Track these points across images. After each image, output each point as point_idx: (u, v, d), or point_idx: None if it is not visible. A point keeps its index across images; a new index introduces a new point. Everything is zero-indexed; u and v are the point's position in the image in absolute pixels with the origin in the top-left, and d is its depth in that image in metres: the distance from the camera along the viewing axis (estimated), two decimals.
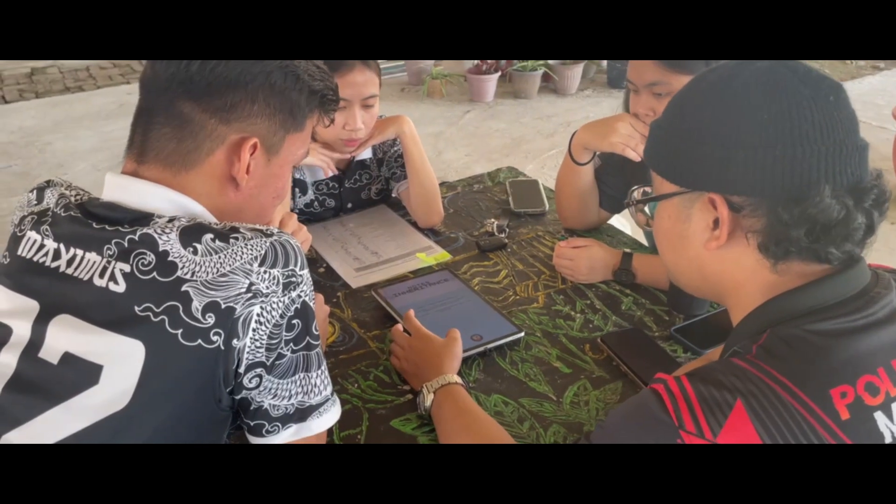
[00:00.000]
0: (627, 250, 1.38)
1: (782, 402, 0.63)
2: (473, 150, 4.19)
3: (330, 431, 1.01)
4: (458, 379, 1.06)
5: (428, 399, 1.03)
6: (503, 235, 1.56)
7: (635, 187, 0.88)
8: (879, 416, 0.64)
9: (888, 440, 0.64)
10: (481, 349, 1.18)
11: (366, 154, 1.66)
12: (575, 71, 5.02)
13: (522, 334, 1.22)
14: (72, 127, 4.56)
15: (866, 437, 0.63)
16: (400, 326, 1.19)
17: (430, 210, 1.61)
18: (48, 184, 0.85)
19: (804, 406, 0.63)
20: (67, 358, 0.72)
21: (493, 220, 1.63)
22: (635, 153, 1.32)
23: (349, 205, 1.69)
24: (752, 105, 0.69)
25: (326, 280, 1.43)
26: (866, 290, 0.70)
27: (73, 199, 0.81)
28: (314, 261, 1.49)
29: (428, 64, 5.10)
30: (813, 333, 0.67)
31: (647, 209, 0.84)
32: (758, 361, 0.66)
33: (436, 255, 1.51)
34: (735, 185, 0.70)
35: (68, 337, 0.73)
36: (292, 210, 1.61)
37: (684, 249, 0.78)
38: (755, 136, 0.68)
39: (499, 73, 4.90)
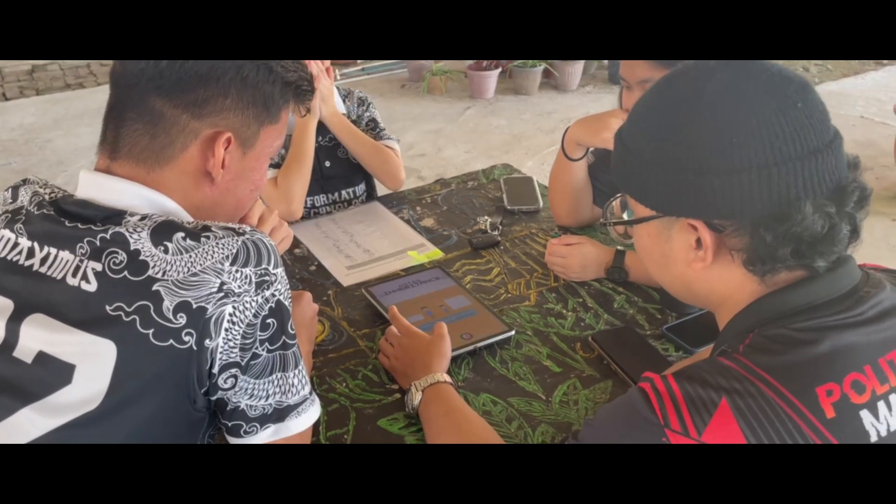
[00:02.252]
0: (620, 248, 1.36)
1: (767, 401, 0.62)
2: (473, 146, 4.18)
3: (316, 431, 1.01)
4: (447, 378, 1.05)
5: (416, 398, 1.02)
6: (496, 233, 1.55)
7: (612, 199, 0.86)
8: (865, 415, 0.63)
9: (873, 439, 0.63)
10: (471, 348, 1.17)
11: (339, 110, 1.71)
12: (576, 67, 5.01)
13: (513, 333, 1.21)
14: (72, 124, 4.56)
15: (852, 436, 0.63)
16: (394, 328, 1.18)
17: (387, 172, 1.71)
18: (23, 182, 0.85)
19: (789, 404, 0.62)
20: (41, 357, 0.72)
21: (486, 217, 1.62)
22: None
23: (327, 163, 1.71)
24: (720, 129, 0.66)
25: (317, 278, 1.42)
26: (856, 290, 0.70)
27: (46, 196, 0.80)
28: (305, 259, 1.49)
29: (428, 61, 5.09)
30: (799, 331, 0.66)
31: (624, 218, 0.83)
32: (744, 360, 0.66)
33: (428, 252, 1.50)
34: (714, 211, 0.68)
35: (42, 336, 0.72)
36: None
37: (668, 267, 0.77)
38: (728, 162, 0.66)
39: (499, 70, 4.89)
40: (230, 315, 0.72)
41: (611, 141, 1.32)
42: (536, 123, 4.50)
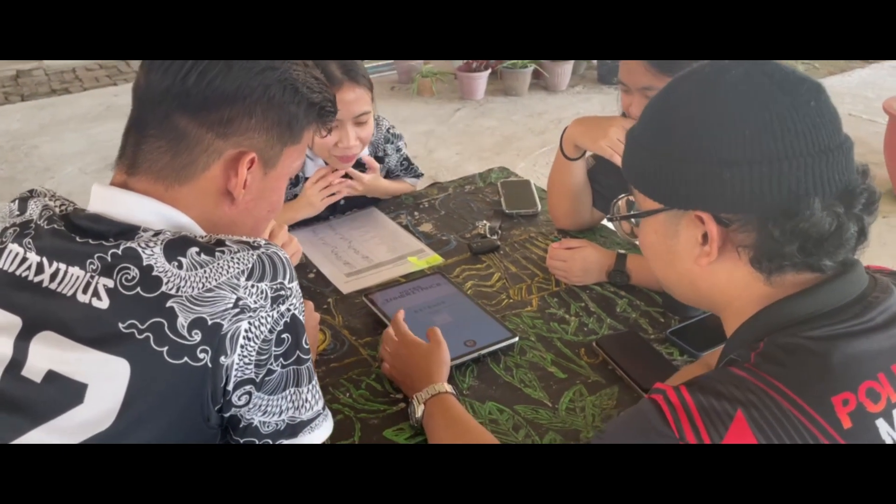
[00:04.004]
0: (621, 251, 1.36)
1: (783, 412, 0.61)
2: (464, 148, 4.17)
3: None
4: (448, 387, 1.04)
5: (418, 410, 1.01)
6: (495, 237, 1.54)
7: (619, 197, 0.86)
8: (881, 424, 0.63)
9: None
10: (475, 355, 1.16)
11: (363, 151, 1.67)
12: (565, 68, 5.01)
13: (517, 339, 1.20)
14: (58, 130, 4.51)
15: None
16: (391, 330, 1.16)
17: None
18: (31, 194, 0.83)
19: (805, 415, 0.61)
20: (51, 376, 0.70)
21: (484, 221, 1.61)
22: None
23: (342, 201, 1.68)
24: (733, 120, 0.67)
25: (316, 286, 1.41)
26: (864, 295, 0.69)
27: (57, 210, 0.79)
28: (304, 266, 1.47)
29: (417, 62, 5.07)
30: (811, 340, 0.66)
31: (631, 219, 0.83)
32: (756, 370, 0.65)
33: (427, 258, 1.49)
34: (722, 204, 0.68)
35: (52, 354, 0.71)
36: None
37: (674, 264, 0.76)
38: (739, 153, 0.66)
39: (489, 71, 4.88)
40: (246, 331, 0.70)
41: (607, 150, 1.33)
42: (527, 124, 4.49)
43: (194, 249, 0.71)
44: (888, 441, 0.63)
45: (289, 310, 0.74)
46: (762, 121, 0.66)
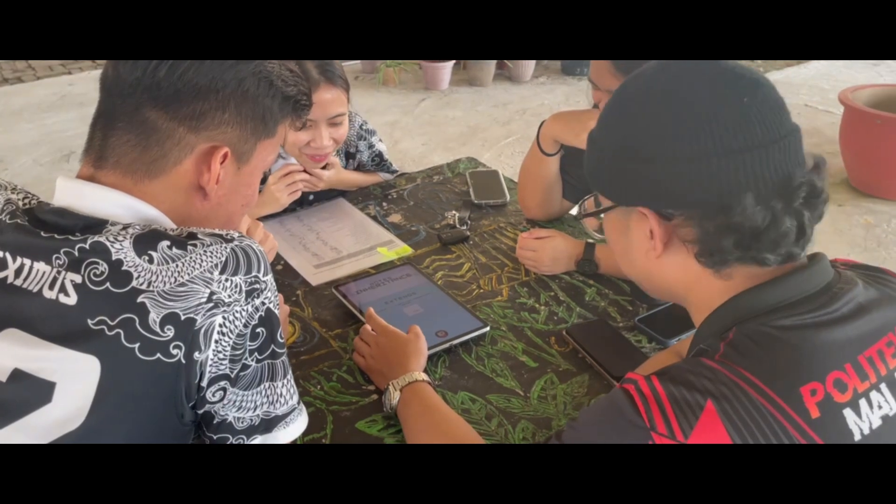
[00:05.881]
0: (590, 241, 1.37)
1: (752, 403, 0.62)
2: (430, 138, 4.15)
3: None
4: (424, 376, 1.04)
5: (394, 397, 1.01)
6: (465, 228, 1.54)
7: (586, 197, 0.87)
8: (848, 413, 0.64)
9: (857, 437, 0.64)
10: (447, 345, 1.16)
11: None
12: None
13: (488, 329, 1.20)
14: (11, 120, 4.38)
15: (836, 436, 0.63)
16: (368, 327, 1.16)
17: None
18: None
19: (774, 406, 0.62)
20: (17, 375, 0.68)
21: (454, 212, 1.61)
22: None
23: (311, 196, 1.66)
24: (665, 118, 0.69)
25: (285, 278, 1.39)
26: (829, 287, 0.71)
27: (20, 203, 0.76)
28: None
29: None
30: (780, 329, 0.67)
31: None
32: (727, 361, 0.66)
33: (397, 249, 1.48)
34: (661, 200, 0.71)
35: (17, 353, 0.68)
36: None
37: (630, 258, 0.79)
38: (673, 151, 0.68)
39: (453, 61, 4.87)
40: (220, 326, 0.69)
41: None
42: (492, 115, 4.49)
43: (165, 243, 0.70)
44: (855, 430, 0.64)
45: (263, 303, 0.73)
46: (695, 119, 0.67)
